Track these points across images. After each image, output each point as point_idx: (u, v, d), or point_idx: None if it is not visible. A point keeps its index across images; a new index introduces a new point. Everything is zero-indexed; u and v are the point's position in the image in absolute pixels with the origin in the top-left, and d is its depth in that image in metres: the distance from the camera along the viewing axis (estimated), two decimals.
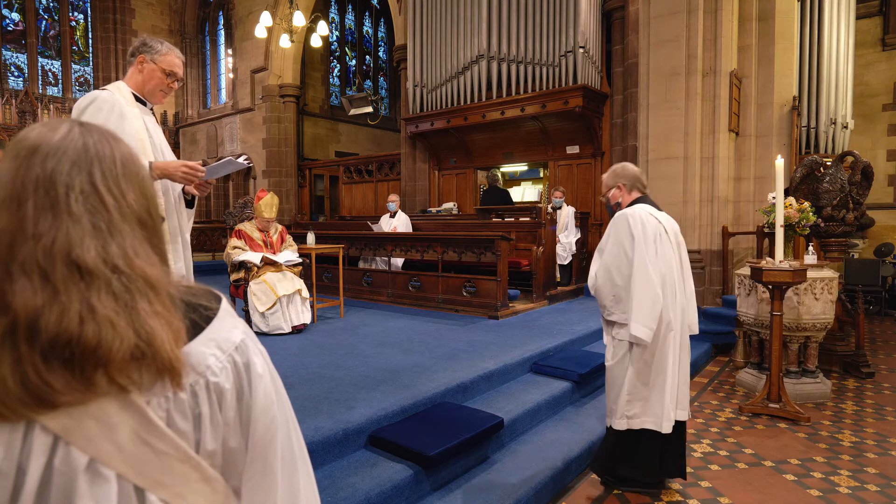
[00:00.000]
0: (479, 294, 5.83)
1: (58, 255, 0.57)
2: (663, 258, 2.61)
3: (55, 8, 13.45)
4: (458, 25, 8.64)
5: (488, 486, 2.65)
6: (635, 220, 2.61)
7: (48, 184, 0.60)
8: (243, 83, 12.70)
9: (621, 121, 7.63)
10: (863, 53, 9.34)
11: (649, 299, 2.53)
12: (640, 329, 2.53)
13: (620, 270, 2.63)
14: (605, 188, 2.89)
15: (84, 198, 0.61)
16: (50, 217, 0.59)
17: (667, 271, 2.62)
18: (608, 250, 2.71)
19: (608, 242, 2.72)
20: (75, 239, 0.59)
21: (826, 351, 4.95)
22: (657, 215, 2.68)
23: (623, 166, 2.86)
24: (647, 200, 2.78)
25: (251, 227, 5.26)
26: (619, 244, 2.64)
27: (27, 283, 0.56)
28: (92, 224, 0.60)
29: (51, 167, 0.61)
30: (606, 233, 2.77)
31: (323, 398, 3.04)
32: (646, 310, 2.53)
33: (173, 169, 2.29)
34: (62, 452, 0.56)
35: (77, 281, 0.57)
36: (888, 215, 9.34)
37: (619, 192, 2.83)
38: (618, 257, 2.64)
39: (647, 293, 2.53)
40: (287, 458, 0.72)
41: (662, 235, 2.63)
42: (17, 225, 0.58)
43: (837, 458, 3.23)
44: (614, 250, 2.66)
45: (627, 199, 2.81)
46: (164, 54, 2.37)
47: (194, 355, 0.64)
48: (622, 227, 2.64)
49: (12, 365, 0.54)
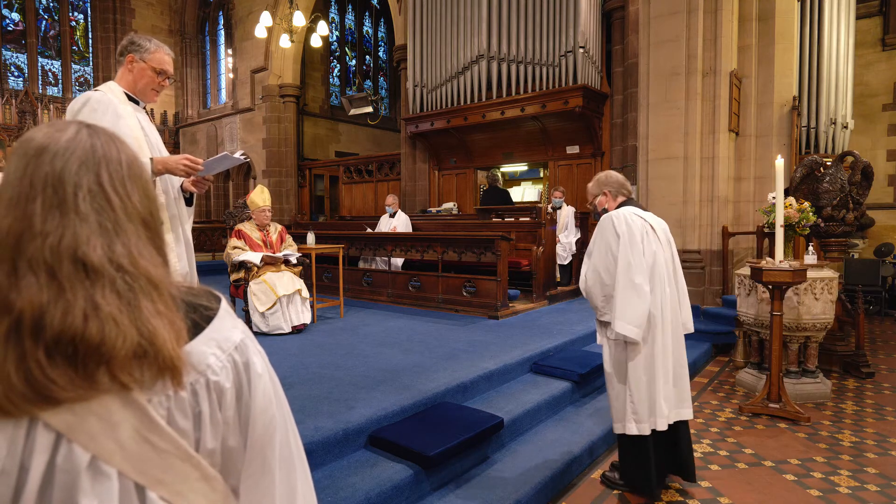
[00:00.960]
0: (479, 294, 5.83)
1: (64, 252, 0.58)
2: (650, 254, 2.64)
3: (55, 8, 13.46)
4: (458, 25, 8.64)
5: (488, 486, 2.65)
6: (619, 220, 2.66)
7: (56, 183, 0.61)
8: (243, 83, 12.70)
9: (621, 121, 7.63)
10: (863, 53, 9.34)
11: (634, 296, 2.55)
12: (625, 327, 2.55)
13: (609, 270, 2.66)
14: (591, 196, 2.96)
15: (91, 197, 0.62)
16: (58, 215, 0.59)
17: (655, 266, 2.65)
18: (596, 252, 2.75)
19: (595, 244, 2.77)
20: (82, 237, 0.59)
21: (826, 351, 4.95)
22: (643, 215, 2.73)
23: (607, 174, 2.93)
24: (633, 203, 2.84)
25: (251, 227, 5.27)
26: (606, 244, 2.68)
27: (33, 280, 0.56)
28: (98, 223, 0.61)
29: (59, 166, 0.62)
30: (594, 236, 2.82)
31: (323, 398, 3.04)
32: (631, 308, 2.55)
33: (174, 163, 2.30)
34: (64, 450, 0.57)
35: (82, 279, 0.58)
36: (888, 215, 9.34)
37: (605, 198, 2.90)
38: (605, 257, 2.68)
39: (631, 291, 2.56)
40: (285, 458, 0.72)
41: (649, 233, 2.68)
42: (25, 222, 0.58)
43: (837, 458, 3.23)
44: (602, 251, 2.71)
45: (613, 204, 2.88)
46: (153, 52, 2.36)
47: (195, 354, 0.65)
48: (607, 228, 2.69)
49: (17, 361, 0.54)
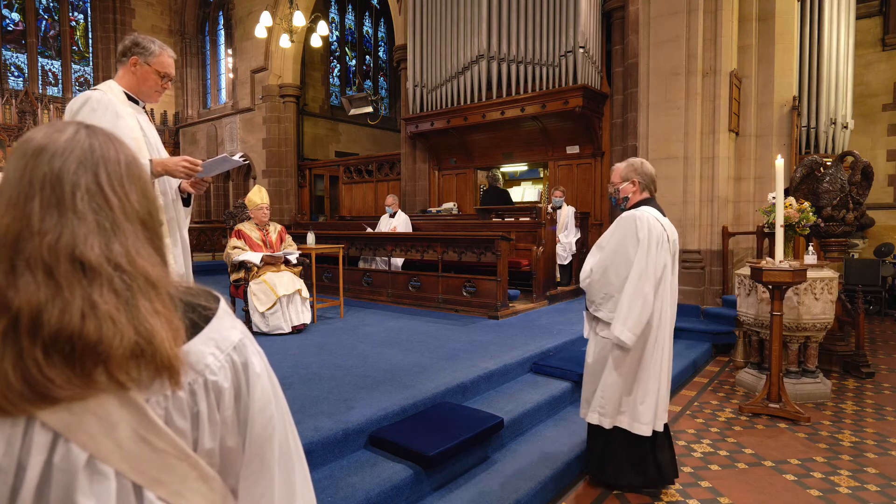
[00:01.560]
0: (479, 294, 5.83)
1: (62, 251, 0.58)
2: (661, 265, 2.60)
3: (55, 8, 13.46)
4: (458, 25, 8.64)
5: (488, 486, 2.65)
6: (643, 223, 2.58)
7: (55, 182, 0.61)
8: (243, 83, 12.70)
9: (621, 121, 7.63)
10: (863, 53, 9.34)
11: (640, 305, 2.53)
12: (625, 333, 2.54)
13: (618, 271, 2.61)
14: (619, 178, 2.78)
15: (90, 197, 0.62)
16: (56, 214, 0.60)
17: (663, 277, 2.62)
18: (610, 248, 2.67)
19: (611, 240, 2.68)
20: (80, 236, 0.59)
21: (826, 351, 4.95)
22: (662, 221, 2.66)
23: (642, 162, 2.77)
24: (655, 204, 2.75)
25: (250, 227, 5.27)
26: (623, 244, 2.61)
27: (31, 279, 0.56)
28: (96, 223, 0.61)
29: (58, 166, 0.62)
30: (610, 229, 2.72)
31: (323, 398, 3.04)
32: (635, 315, 2.53)
33: (173, 164, 2.30)
34: (62, 449, 0.56)
35: (80, 278, 0.58)
36: (888, 215, 9.34)
37: (633, 187, 2.75)
38: (618, 256, 2.62)
39: (639, 299, 2.52)
40: (284, 457, 0.72)
41: (664, 243, 2.61)
42: (24, 221, 0.59)
43: (837, 458, 3.22)
44: (616, 249, 2.63)
45: (637, 197, 2.75)
46: (157, 55, 2.36)
47: (193, 354, 0.65)
48: (629, 228, 2.61)
49: (14, 359, 0.54)
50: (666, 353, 2.69)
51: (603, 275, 2.66)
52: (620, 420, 2.68)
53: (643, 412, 2.64)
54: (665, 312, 2.65)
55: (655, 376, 2.65)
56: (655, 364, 2.65)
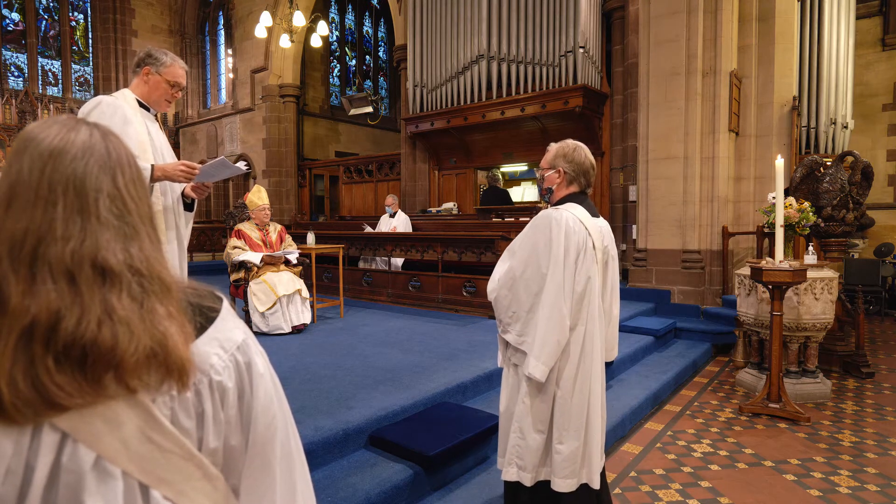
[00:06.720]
0: (480, 294, 5.83)
1: (86, 257, 0.58)
2: (584, 279, 2.11)
3: (55, 8, 13.46)
4: (457, 25, 8.64)
5: (488, 486, 2.65)
6: (559, 226, 2.08)
7: (79, 186, 0.60)
8: (243, 83, 12.70)
9: (621, 121, 7.63)
10: (863, 53, 9.35)
11: (555, 336, 2.05)
12: (539, 367, 2.05)
13: (528, 285, 2.12)
14: (545, 165, 2.28)
15: (111, 201, 0.62)
16: (79, 220, 0.59)
17: (587, 294, 2.12)
18: (521, 255, 2.17)
19: (523, 245, 2.19)
20: (102, 241, 0.59)
21: (826, 351, 4.95)
22: (587, 223, 2.13)
23: (576, 147, 2.22)
24: (583, 201, 2.21)
25: (250, 227, 5.27)
26: (535, 253, 2.12)
27: (51, 285, 0.56)
28: (117, 227, 0.61)
29: (81, 170, 0.61)
30: (524, 231, 2.21)
31: (323, 398, 3.04)
32: (549, 345, 2.05)
33: (171, 169, 2.38)
34: (70, 450, 0.57)
35: (100, 284, 0.58)
36: (888, 215, 9.35)
37: (558, 177, 2.22)
38: (529, 267, 2.12)
39: (553, 328, 2.04)
40: (285, 457, 0.73)
41: (588, 251, 2.11)
42: (46, 226, 0.58)
43: (837, 458, 3.23)
44: (528, 259, 2.14)
45: (562, 191, 2.23)
46: (168, 66, 2.49)
47: (198, 354, 0.65)
48: (542, 233, 2.11)
49: (25, 367, 0.53)
50: (596, 388, 2.14)
51: (511, 289, 2.17)
52: (543, 472, 2.15)
53: (595, 458, 2.11)
54: (594, 337, 2.12)
55: (579, 415, 2.09)
56: (578, 402, 2.09)
